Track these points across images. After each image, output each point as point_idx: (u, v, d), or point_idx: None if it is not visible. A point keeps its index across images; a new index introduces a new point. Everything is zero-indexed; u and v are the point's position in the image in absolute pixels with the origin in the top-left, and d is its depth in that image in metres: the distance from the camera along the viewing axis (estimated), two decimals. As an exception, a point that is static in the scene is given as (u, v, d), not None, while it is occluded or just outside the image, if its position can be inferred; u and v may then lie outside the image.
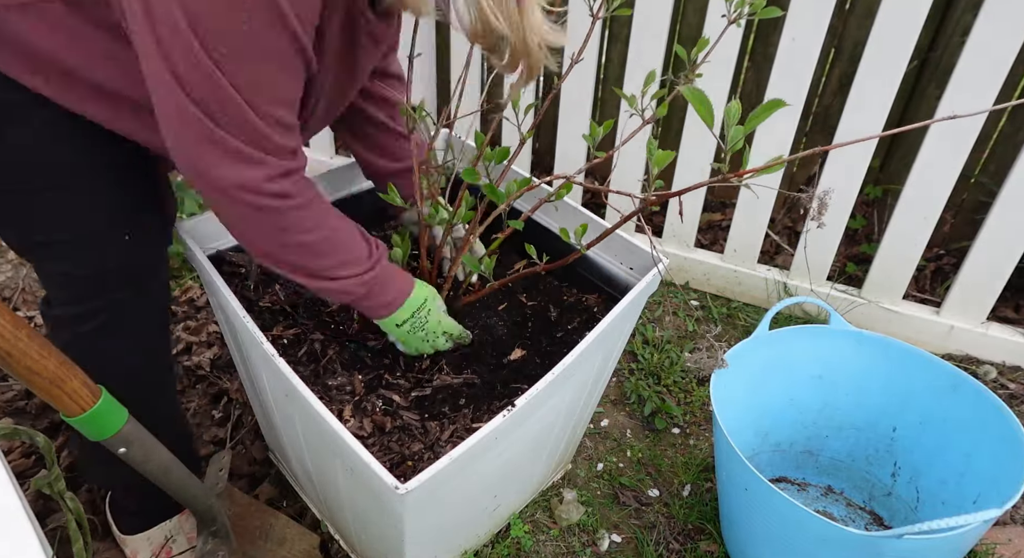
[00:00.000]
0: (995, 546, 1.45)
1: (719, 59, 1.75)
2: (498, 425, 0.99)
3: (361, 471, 0.94)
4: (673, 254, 2.14)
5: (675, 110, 2.30)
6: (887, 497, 1.51)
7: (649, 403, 1.76)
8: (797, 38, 1.72)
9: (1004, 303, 1.99)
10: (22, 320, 0.85)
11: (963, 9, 1.85)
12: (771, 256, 2.23)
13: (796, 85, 1.76)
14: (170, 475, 1.07)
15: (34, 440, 0.86)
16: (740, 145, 0.82)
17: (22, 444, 1.57)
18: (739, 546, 1.37)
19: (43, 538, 0.61)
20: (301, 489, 1.50)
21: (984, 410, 1.29)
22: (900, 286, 1.93)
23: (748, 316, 2.08)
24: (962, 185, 2.02)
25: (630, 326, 1.32)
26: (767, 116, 0.79)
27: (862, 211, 2.29)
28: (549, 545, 1.46)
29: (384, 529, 1.10)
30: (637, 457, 1.66)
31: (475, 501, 1.23)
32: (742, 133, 0.80)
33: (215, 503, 1.19)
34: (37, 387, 0.87)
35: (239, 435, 1.63)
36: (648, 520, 1.52)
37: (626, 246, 1.28)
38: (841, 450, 1.56)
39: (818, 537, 1.13)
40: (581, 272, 1.35)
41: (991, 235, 1.75)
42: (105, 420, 0.95)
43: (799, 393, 1.51)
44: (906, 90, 2.00)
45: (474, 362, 1.22)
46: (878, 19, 1.63)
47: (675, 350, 1.92)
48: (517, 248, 1.40)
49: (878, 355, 1.44)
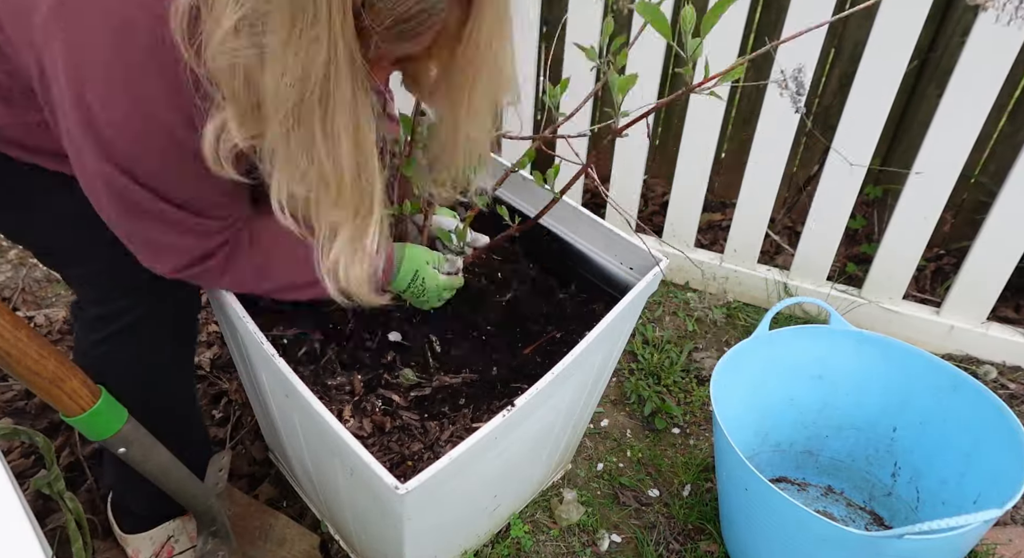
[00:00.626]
0: (995, 546, 1.45)
1: (720, 60, 1.75)
2: (498, 425, 0.99)
3: (361, 471, 0.94)
4: (673, 254, 2.14)
5: (675, 110, 2.30)
6: (887, 497, 1.51)
7: (649, 403, 1.76)
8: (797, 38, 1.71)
9: (1004, 303, 1.99)
10: (22, 320, 0.85)
11: (963, 9, 1.84)
12: (771, 256, 2.23)
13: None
14: (170, 475, 1.08)
15: (34, 440, 0.86)
16: (700, 53, 0.81)
17: (22, 444, 1.57)
18: (739, 546, 1.37)
19: (43, 538, 0.61)
20: (301, 489, 1.50)
21: (984, 410, 1.29)
22: (900, 286, 1.93)
23: (748, 316, 2.08)
24: (962, 185, 2.02)
25: (630, 326, 1.32)
26: (722, 11, 0.79)
27: (862, 211, 2.29)
28: (549, 545, 1.46)
29: (384, 529, 1.10)
30: (637, 457, 1.66)
31: (475, 501, 1.23)
32: (699, 42, 0.81)
33: (215, 503, 1.19)
34: (37, 387, 0.87)
35: (239, 435, 1.63)
36: (648, 520, 1.52)
37: (626, 246, 1.28)
38: (841, 450, 1.56)
39: (818, 537, 1.13)
40: (581, 272, 1.35)
41: (991, 235, 1.75)
42: (105, 420, 0.95)
43: (799, 393, 1.51)
44: (906, 90, 2.00)
45: (474, 362, 1.22)
46: (878, 19, 1.63)
47: (675, 350, 1.92)
48: (518, 248, 1.40)
49: (878, 355, 1.44)
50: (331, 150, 0.74)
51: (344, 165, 0.76)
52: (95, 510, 1.43)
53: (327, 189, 0.78)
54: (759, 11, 2.06)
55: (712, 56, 0.97)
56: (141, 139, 0.80)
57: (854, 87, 1.72)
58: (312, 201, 0.79)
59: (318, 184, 0.77)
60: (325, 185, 0.77)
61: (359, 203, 0.80)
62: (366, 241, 0.84)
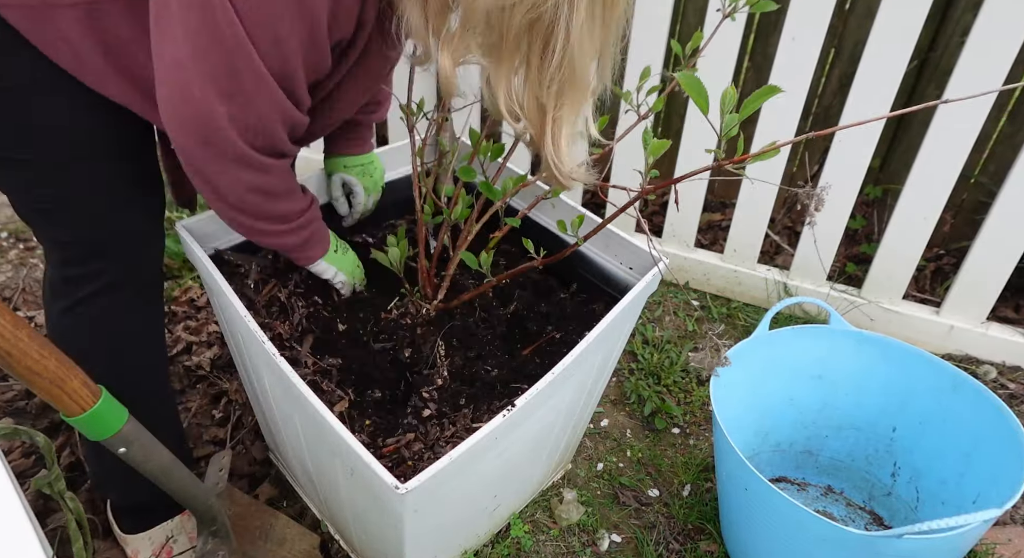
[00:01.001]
0: (995, 546, 1.45)
1: (719, 59, 1.75)
2: (498, 425, 0.99)
3: (361, 471, 0.94)
4: (673, 254, 2.14)
5: (675, 108, 2.30)
6: (887, 497, 1.51)
7: (649, 403, 1.76)
8: (797, 38, 1.72)
9: (1004, 303, 1.99)
10: (22, 320, 0.85)
11: (963, 9, 1.85)
12: (771, 256, 2.23)
13: (796, 85, 1.76)
14: (170, 475, 1.07)
15: (34, 440, 0.86)
16: (735, 131, 0.82)
17: (22, 444, 1.57)
18: (739, 546, 1.37)
19: (43, 538, 0.61)
20: (301, 489, 1.50)
21: (984, 410, 1.29)
22: (900, 286, 1.93)
23: (748, 316, 2.08)
24: (962, 185, 2.02)
25: (630, 326, 1.32)
26: (763, 101, 0.79)
27: (862, 211, 2.29)
28: (549, 545, 1.46)
29: (384, 529, 1.10)
30: (637, 457, 1.66)
31: (475, 501, 1.23)
32: (737, 119, 0.80)
33: (215, 503, 1.19)
34: (37, 387, 0.87)
35: (239, 435, 1.63)
36: (648, 520, 1.52)
37: (626, 246, 1.28)
38: (841, 450, 1.56)
39: (818, 537, 1.13)
40: (581, 272, 1.36)
41: (991, 235, 1.75)
42: (105, 420, 0.95)
43: (799, 393, 1.51)
44: (906, 90, 2.00)
45: (474, 361, 1.22)
46: (878, 19, 1.63)
47: (675, 350, 1.92)
48: (516, 248, 1.40)
49: (878, 355, 1.44)
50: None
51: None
52: (95, 510, 1.43)
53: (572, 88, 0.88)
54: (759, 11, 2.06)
55: (712, 55, 0.97)
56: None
57: (854, 87, 1.72)
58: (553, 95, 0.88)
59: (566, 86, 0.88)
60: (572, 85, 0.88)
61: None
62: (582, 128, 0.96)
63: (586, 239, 1.14)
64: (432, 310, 1.27)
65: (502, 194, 1.15)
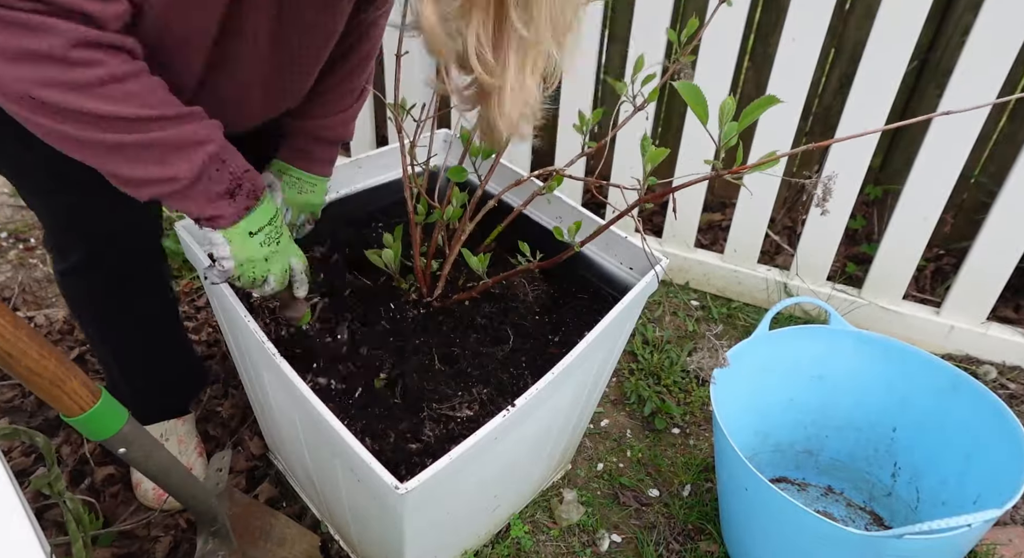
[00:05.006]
0: (995, 546, 1.45)
1: (719, 59, 1.75)
2: (498, 425, 0.99)
3: (361, 471, 0.94)
4: (673, 254, 2.14)
5: (674, 107, 2.30)
6: (887, 497, 1.51)
7: (649, 403, 1.76)
8: (797, 38, 1.72)
9: (1004, 303, 1.99)
10: (22, 320, 0.85)
11: (963, 9, 1.85)
12: (771, 256, 2.23)
13: (796, 85, 1.76)
14: (170, 475, 1.07)
15: (34, 440, 0.86)
16: (735, 141, 0.81)
17: (22, 443, 1.57)
18: (739, 546, 1.37)
19: (43, 538, 0.61)
20: (301, 489, 1.50)
21: (984, 410, 1.29)
22: (900, 286, 1.93)
23: (748, 316, 2.08)
24: (962, 185, 2.02)
25: (630, 326, 1.32)
26: (762, 112, 0.79)
27: (862, 211, 2.29)
28: (549, 545, 1.46)
29: (384, 529, 1.10)
30: (637, 457, 1.66)
31: (475, 501, 1.23)
32: (736, 129, 0.80)
33: (215, 503, 1.19)
34: (37, 387, 0.87)
35: (239, 434, 1.63)
36: (648, 520, 1.52)
37: (626, 246, 1.28)
38: (841, 450, 1.56)
39: (818, 537, 1.13)
40: (581, 272, 1.35)
41: (991, 235, 1.75)
42: (105, 420, 0.95)
43: (799, 393, 1.51)
44: (906, 90, 2.00)
45: (473, 361, 1.22)
46: (878, 19, 1.63)
47: (675, 350, 1.92)
48: (514, 248, 1.40)
49: (878, 355, 1.44)
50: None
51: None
52: (97, 495, 1.44)
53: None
54: (759, 12, 2.06)
55: (712, 54, 0.97)
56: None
57: (854, 87, 1.72)
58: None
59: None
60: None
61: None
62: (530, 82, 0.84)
63: (583, 244, 1.14)
64: (431, 306, 1.27)
65: (466, 172, 1.15)
